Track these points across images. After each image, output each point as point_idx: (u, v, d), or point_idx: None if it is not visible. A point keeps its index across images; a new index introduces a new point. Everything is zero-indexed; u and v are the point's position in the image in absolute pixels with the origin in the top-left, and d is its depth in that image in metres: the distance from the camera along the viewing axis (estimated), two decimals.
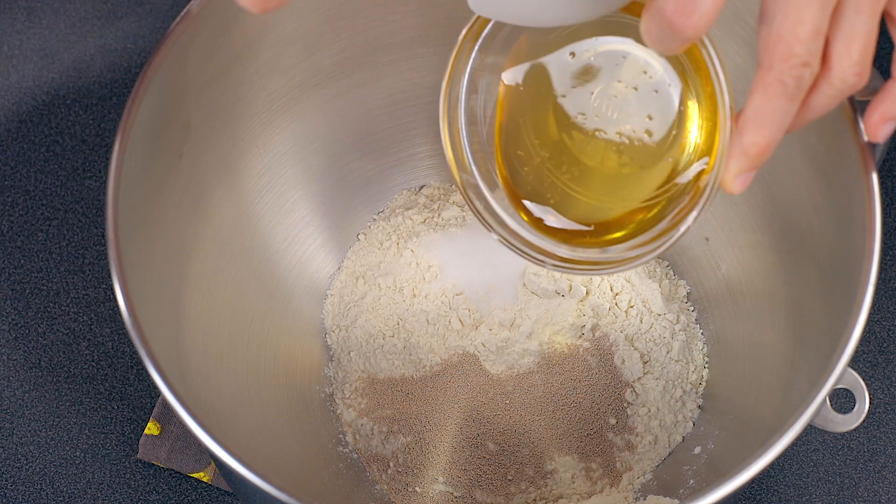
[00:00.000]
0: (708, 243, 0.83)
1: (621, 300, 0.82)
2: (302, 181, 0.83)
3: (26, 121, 0.93)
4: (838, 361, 0.63)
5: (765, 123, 0.57)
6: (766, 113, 0.57)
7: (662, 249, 0.65)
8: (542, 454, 0.80)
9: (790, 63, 0.55)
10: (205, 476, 0.83)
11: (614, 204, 0.68)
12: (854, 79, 0.57)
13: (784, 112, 0.57)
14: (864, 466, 0.84)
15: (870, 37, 0.56)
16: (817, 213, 0.71)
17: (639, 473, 0.80)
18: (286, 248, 0.83)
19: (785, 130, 0.58)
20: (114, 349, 0.87)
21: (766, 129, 0.57)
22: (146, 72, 0.68)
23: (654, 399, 0.81)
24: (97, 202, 0.91)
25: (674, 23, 0.53)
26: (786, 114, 0.57)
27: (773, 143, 0.57)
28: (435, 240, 0.84)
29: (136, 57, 0.94)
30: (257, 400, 0.78)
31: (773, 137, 0.57)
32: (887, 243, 0.89)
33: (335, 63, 0.80)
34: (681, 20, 0.53)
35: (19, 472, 0.84)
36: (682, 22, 0.53)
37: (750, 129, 0.57)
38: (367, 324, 0.83)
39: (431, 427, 0.81)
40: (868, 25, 0.56)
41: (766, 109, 0.56)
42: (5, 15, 0.96)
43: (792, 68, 0.55)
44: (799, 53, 0.55)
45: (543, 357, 0.82)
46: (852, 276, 0.64)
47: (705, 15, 0.53)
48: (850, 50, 0.56)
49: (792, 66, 0.55)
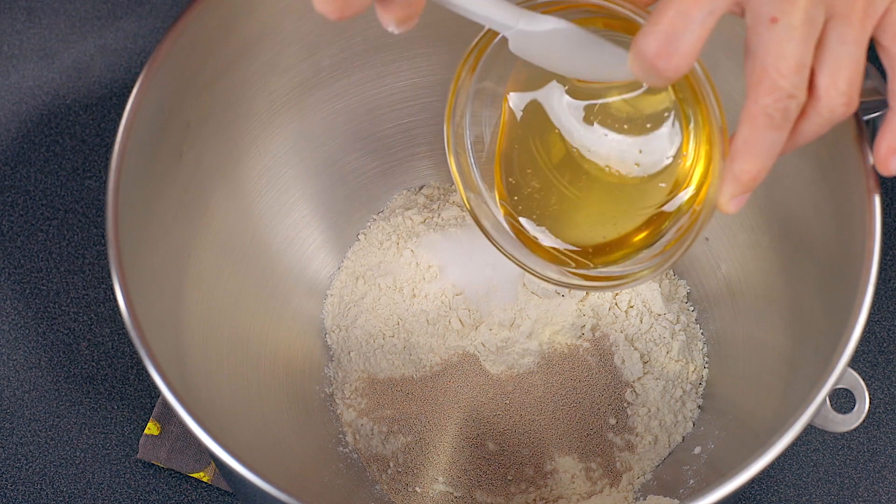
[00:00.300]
0: (708, 243, 0.83)
1: (621, 300, 0.82)
2: (302, 181, 0.83)
3: (26, 121, 0.93)
4: (838, 361, 0.63)
5: (754, 152, 0.58)
6: (754, 143, 0.58)
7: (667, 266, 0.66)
8: (542, 454, 0.80)
9: (775, 96, 0.56)
10: (205, 476, 0.83)
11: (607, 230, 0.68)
12: (842, 108, 0.58)
13: (772, 141, 0.58)
14: (864, 466, 0.84)
15: (856, 66, 0.57)
16: (817, 213, 0.71)
17: (639, 473, 0.80)
18: (286, 248, 0.83)
19: (776, 157, 0.59)
20: (114, 349, 0.87)
21: (755, 158, 0.58)
22: (146, 72, 0.68)
23: (654, 399, 0.81)
24: (97, 202, 0.91)
25: (655, 65, 0.56)
26: (774, 143, 0.58)
27: (763, 169, 0.59)
28: (435, 240, 0.84)
29: (136, 57, 0.94)
30: (257, 400, 0.78)
31: (763, 165, 0.58)
32: (887, 243, 0.89)
33: (335, 63, 0.80)
34: (662, 62, 0.56)
35: (19, 472, 0.84)
36: (664, 64, 0.56)
37: (740, 158, 0.59)
38: (367, 324, 0.83)
39: (431, 427, 0.81)
40: (853, 56, 0.57)
41: (755, 140, 0.58)
42: (5, 15, 0.96)
43: (777, 101, 0.56)
44: (783, 87, 0.56)
45: (543, 357, 0.82)
46: (852, 276, 0.64)
47: (686, 57, 0.56)
48: (836, 81, 0.57)
49: (777, 98, 0.56)
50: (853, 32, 0.57)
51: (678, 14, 0.55)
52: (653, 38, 0.56)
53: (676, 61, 0.56)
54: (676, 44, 0.56)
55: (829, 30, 0.57)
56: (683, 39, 0.56)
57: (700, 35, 0.56)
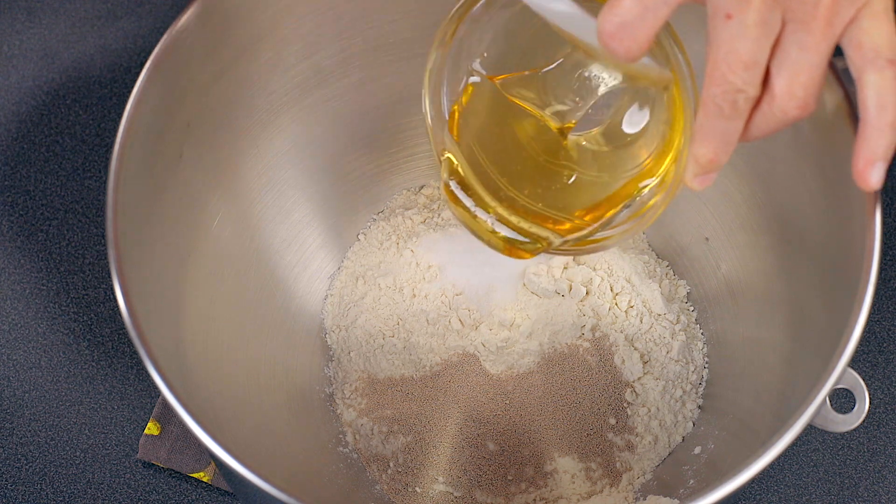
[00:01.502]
0: (708, 243, 0.83)
1: (621, 300, 0.82)
2: (302, 181, 0.83)
3: (26, 121, 0.93)
4: (838, 361, 0.63)
5: (709, 138, 0.60)
6: (708, 129, 0.59)
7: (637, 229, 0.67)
8: (542, 454, 0.80)
9: (724, 88, 0.58)
10: (205, 476, 0.83)
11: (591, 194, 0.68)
12: (796, 111, 0.58)
13: (725, 129, 0.59)
14: (864, 466, 0.84)
15: (813, 73, 0.58)
16: (817, 213, 0.71)
17: (639, 473, 0.80)
18: (286, 248, 0.83)
19: (733, 143, 0.60)
20: (114, 349, 0.87)
21: (710, 143, 0.60)
22: (146, 72, 0.68)
23: (654, 399, 0.81)
24: (97, 202, 0.91)
25: (610, 45, 0.58)
26: (727, 131, 0.59)
27: (720, 154, 0.60)
28: (435, 240, 0.84)
29: (136, 57, 0.94)
30: (257, 400, 0.78)
31: (718, 150, 0.60)
32: (887, 243, 0.89)
33: (335, 63, 0.80)
34: (616, 44, 0.58)
35: (19, 472, 0.84)
36: (617, 46, 0.58)
37: (697, 142, 0.60)
38: (367, 324, 0.83)
39: (431, 427, 0.81)
40: (811, 63, 0.58)
41: (708, 126, 0.59)
42: (5, 15, 0.96)
43: (726, 93, 0.58)
44: (732, 81, 0.57)
45: (543, 357, 0.82)
46: (852, 276, 0.64)
47: (639, 42, 0.58)
48: (791, 86, 0.58)
49: (725, 91, 0.58)
50: (812, 40, 0.57)
51: (634, 2, 0.57)
52: (609, 21, 0.58)
53: (628, 44, 0.58)
54: (630, 30, 0.58)
55: (787, 34, 0.58)
56: (637, 26, 0.57)
57: (653, 24, 0.57)
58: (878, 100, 0.58)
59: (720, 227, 0.81)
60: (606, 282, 0.83)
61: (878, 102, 0.58)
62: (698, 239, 0.83)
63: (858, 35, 0.58)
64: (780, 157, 0.73)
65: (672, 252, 0.85)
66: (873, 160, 0.59)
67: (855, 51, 0.58)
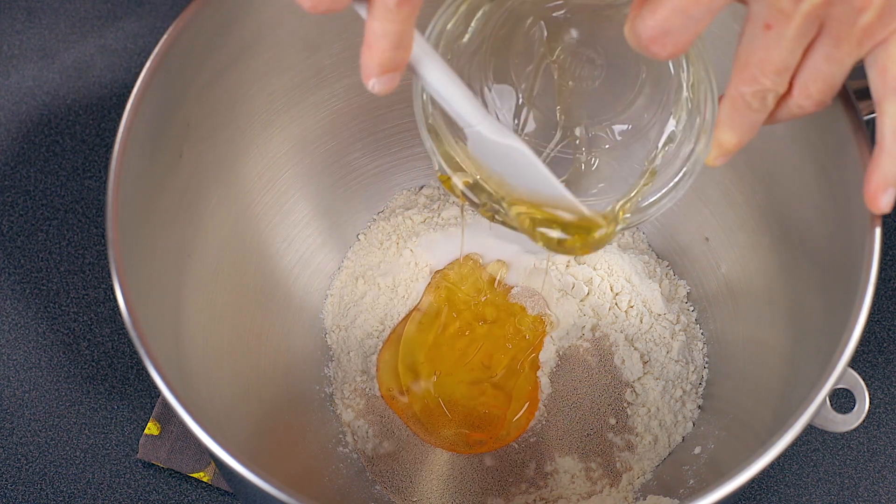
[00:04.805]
0: (708, 243, 0.83)
1: (621, 300, 0.82)
2: (302, 181, 0.83)
3: (26, 121, 0.93)
4: (838, 361, 0.63)
5: (735, 127, 0.61)
6: (735, 119, 0.61)
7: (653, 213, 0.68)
8: (542, 454, 0.80)
9: (755, 88, 0.59)
10: (205, 476, 0.83)
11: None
12: (812, 107, 0.61)
13: (751, 121, 0.61)
14: (864, 466, 0.84)
15: (834, 80, 0.60)
16: (817, 213, 0.71)
17: (639, 473, 0.80)
18: (286, 248, 0.83)
19: (756, 130, 0.62)
20: (114, 349, 0.87)
21: (736, 132, 0.62)
22: (146, 72, 0.68)
23: (654, 399, 0.81)
24: (97, 202, 0.91)
25: (649, 48, 0.59)
26: (753, 121, 0.61)
27: (744, 140, 0.62)
28: (435, 240, 0.84)
29: (136, 57, 0.94)
30: (257, 400, 0.78)
31: (742, 137, 0.62)
32: (887, 243, 0.89)
33: (335, 63, 0.80)
34: (656, 48, 0.58)
35: (19, 472, 0.84)
36: (657, 49, 0.58)
37: (722, 129, 0.62)
38: (367, 324, 0.83)
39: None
40: (834, 73, 0.59)
41: (735, 117, 0.61)
42: (5, 15, 0.96)
43: (756, 93, 0.60)
44: (763, 83, 0.59)
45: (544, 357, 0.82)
46: (852, 276, 0.65)
47: (680, 46, 0.58)
48: (808, 88, 0.60)
49: (755, 91, 0.59)
50: (839, 54, 0.59)
51: (676, 11, 0.57)
52: (650, 26, 0.58)
53: (671, 49, 0.58)
54: (672, 37, 0.58)
55: (818, 43, 0.59)
56: (679, 33, 0.58)
57: (695, 31, 0.58)
58: (895, 128, 0.60)
59: (720, 227, 0.81)
60: (606, 281, 0.83)
61: (895, 131, 0.60)
62: (698, 239, 0.83)
63: (885, 60, 0.59)
64: (781, 157, 0.73)
65: (672, 252, 0.85)
66: (885, 186, 0.61)
67: (879, 74, 0.60)
